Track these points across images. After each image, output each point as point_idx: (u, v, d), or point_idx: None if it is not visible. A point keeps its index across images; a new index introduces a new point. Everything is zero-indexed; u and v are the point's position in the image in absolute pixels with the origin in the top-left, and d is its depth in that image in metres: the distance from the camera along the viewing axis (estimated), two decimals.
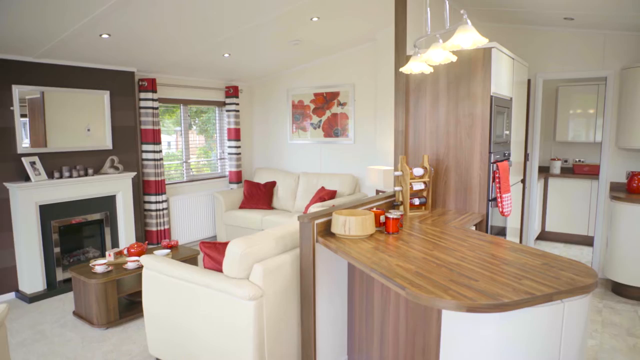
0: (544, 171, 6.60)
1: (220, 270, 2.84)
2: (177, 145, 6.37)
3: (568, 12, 4.24)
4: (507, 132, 3.88)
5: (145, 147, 5.63)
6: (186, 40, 4.65)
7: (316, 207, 5.27)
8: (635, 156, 4.76)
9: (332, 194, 5.71)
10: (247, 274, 2.66)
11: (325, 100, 6.42)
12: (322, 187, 5.96)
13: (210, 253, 3.00)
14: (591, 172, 6.26)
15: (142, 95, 5.55)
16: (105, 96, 5.11)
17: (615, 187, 4.87)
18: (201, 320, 2.79)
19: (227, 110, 6.79)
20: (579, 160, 6.66)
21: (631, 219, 4.32)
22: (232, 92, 6.70)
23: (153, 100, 5.56)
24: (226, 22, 4.30)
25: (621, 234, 4.43)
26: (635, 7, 3.73)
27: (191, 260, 4.37)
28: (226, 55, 5.40)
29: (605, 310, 4.18)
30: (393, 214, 2.74)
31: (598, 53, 4.83)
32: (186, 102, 6.31)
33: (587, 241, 6.07)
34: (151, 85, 5.52)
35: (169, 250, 4.24)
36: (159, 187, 5.70)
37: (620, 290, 4.52)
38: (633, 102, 4.51)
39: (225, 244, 2.97)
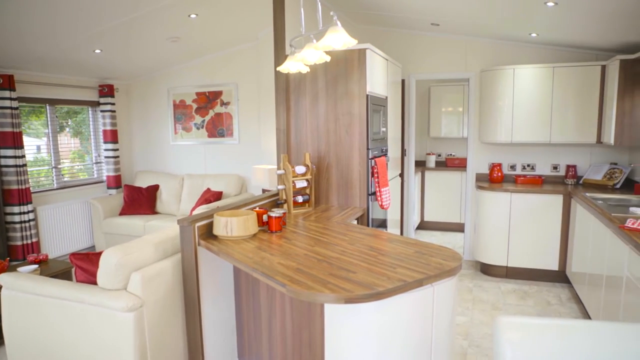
0: (421, 165, 7.09)
1: (95, 283, 2.63)
2: (48, 149, 5.79)
3: (433, 18, 4.59)
4: (384, 129, 4.09)
5: (4, 152, 5.02)
6: (49, 33, 4.24)
7: (202, 209, 5.12)
8: (495, 149, 5.31)
9: (218, 195, 5.59)
10: (125, 284, 2.51)
11: (208, 99, 6.26)
12: (208, 189, 5.81)
13: (83, 265, 2.77)
14: (461, 164, 6.86)
15: None
16: None
17: (480, 178, 5.39)
18: (76, 340, 2.57)
19: (102, 111, 6.32)
20: (451, 154, 7.26)
21: (493, 205, 4.81)
22: (107, 91, 6.25)
23: (11, 99, 4.98)
24: (94, 15, 3.99)
25: (485, 219, 4.91)
26: (486, 17, 4.15)
27: (64, 274, 4.00)
28: (97, 51, 5.03)
29: (475, 289, 4.60)
30: (275, 213, 2.75)
31: (461, 56, 5.30)
32: (53, 102, 5.75)
33: (460, 228, 6.64)
34: (8, 82, 4.94)
35: (36, 266, 3.83)
36: (24, 196, 5.13)
37: (487, 270, 5.02)
38: (490, 102, 5.02)
39: (99, 254, 2.76)
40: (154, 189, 6.25)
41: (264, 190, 4.65)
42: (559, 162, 5.12)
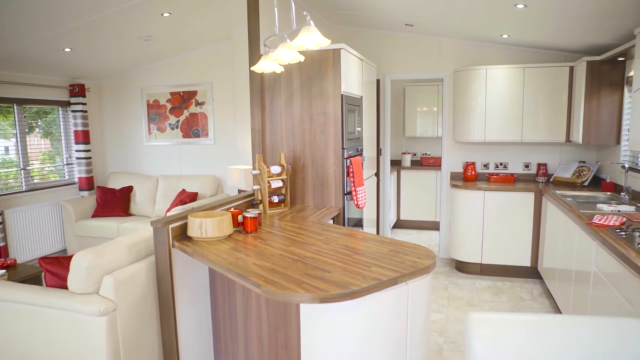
0: (397, 164, 7.15)
1: (66, 288, 2.58)
2: (16, 150, 5.63)
3: (407, 19, 4.63)
4: (359, 129, 4.11)
5: None
6: (14, 30, 4.13)
7: (177, 211, 5.06)
8: (469, 148, 5.40)
9: (193, 196, 5.53)
10: (97, 287, 2.46)
11: (182, 99, 6.18)
12: (183, 190, 5.75)
13: (53, 269, 2.71)
14: (436, 163, 6.95)
15: None
16: None
17: (454, 177, 5.46)
18: (46, 346, 2.50)
19: (73, 111, 6.18)
20: (426, 154, 7.34)
21: (467, 203, 4.89)
22: (78, 90, 6.12)
23: None
24: (62, 12, 3.90)
25: (460, 217, 4.98)
26: (457, 18, 4.22)
27: (34, 279, 3.90)
28: (67, 50, 4.91)
29: (451, 286, 4.67)
30: (251, 213, 2.74)
31: (435, 57, 5.37)
32: (21, 102, 5.60)
33: (436, 226, 6.72)
34: None
35: (4, 271, 3.74)
36: None
37: (462, 267, 5.09)
38: (464, 101, 5.10)
39: (69, 258, 2.70)
40: (128, 190, 6.14)
41: (239, 191, 4.62)
42: (530, 160, 5.23)
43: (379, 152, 5.64)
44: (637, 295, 2.14)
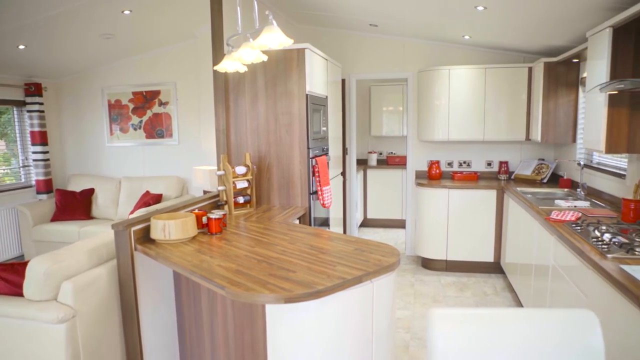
0: (363, 163, 7.20)
1: (22, 295, 2.48)
2: None
3: (371, 19, 4.67)
4: (325, 129, 4.12)
5: None
6: None
7: (140, 213, 4.95)
8: (433, 147, 5.49)
9: (157, 198, 5.42)
10: (55, 294, 2.38)
11: (145, 99, 6.05)
12: (147, 192, 5.63)
13: (7, 276, 2.60)
14: (402, 162, 7.03)
15: None
16: None
17: (419, 175, 5.55)
18: (1, 358, 2.40)
19: (29, 111, 5.95)
20: (392, 153, 7.42)
21: (432, 201, 4.97)
22: (34, 90, 5.90)
23: None
24: (14, 6, 3.75)
25: (425, 215, 5.06)
26: (420, 19, 4.28)
27: None
28: (21, 47, 4.73)
29: (417, 283, 4.73)
30: (215, 214, 2.70)
31: (400, 57, 5.43)
32: None
33: (402, 224, 6.80)
34: None
35: None
36: None
37: (428, 264, 5.17)
38: (428, 101, 5.18)
39: (25, 264, 2.61)
40: (89, 192, 5.97)
41: (205, 192, 4.56)
42: (492, 158, 5.37)
43: (344, 151, 5.67)
44: (591, 287, 2.23)
